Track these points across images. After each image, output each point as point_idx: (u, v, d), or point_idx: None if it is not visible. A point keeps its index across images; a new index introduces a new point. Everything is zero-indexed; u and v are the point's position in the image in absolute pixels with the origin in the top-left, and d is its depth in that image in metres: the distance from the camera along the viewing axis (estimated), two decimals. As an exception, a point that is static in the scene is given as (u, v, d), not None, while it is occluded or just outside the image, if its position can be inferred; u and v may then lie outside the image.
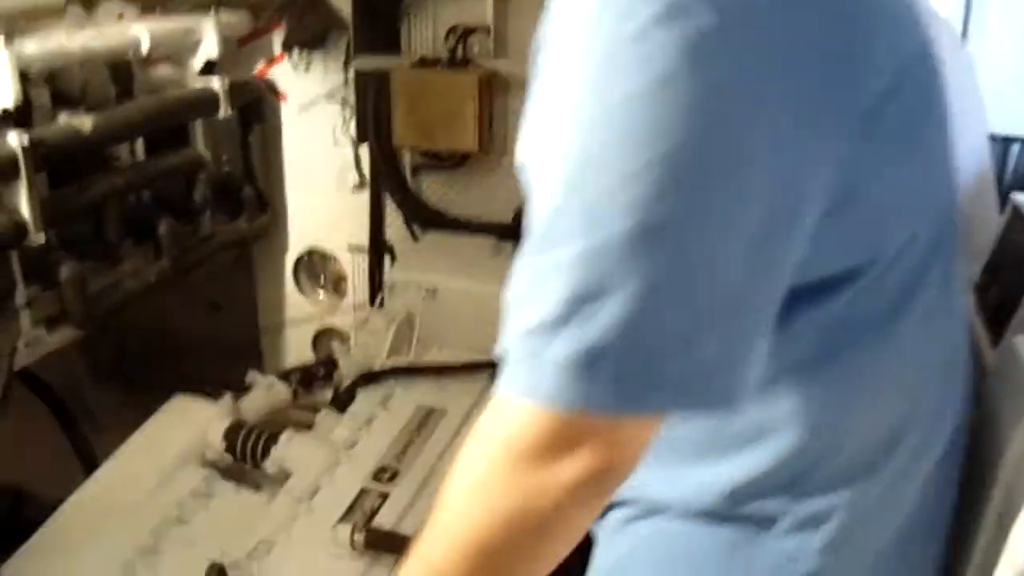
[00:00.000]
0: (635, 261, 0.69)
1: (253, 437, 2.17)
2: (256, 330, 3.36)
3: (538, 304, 0.72)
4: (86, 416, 2.73)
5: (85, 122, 2.10)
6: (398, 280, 2.64)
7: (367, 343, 2.60)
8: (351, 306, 3.17)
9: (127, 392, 3.24)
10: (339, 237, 3.12)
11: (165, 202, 2.56)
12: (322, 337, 3.26)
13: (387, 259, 3.04)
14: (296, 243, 3.18)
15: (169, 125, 2.55)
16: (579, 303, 0.70)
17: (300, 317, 3.26)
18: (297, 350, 3.27)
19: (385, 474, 2.07)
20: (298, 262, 3.21)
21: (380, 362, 2.54)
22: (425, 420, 2.27)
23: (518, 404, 0.75)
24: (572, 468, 0.74)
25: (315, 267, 3.26)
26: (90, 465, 2.35)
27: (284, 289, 3.25)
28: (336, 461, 2.12)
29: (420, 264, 2.73)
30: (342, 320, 3.18)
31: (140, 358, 3.35)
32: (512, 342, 0.75)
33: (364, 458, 2.13)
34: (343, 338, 3.16)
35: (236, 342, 3.36)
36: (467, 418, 2.26)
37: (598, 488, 0.78)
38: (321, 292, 3.27)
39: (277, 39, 2.98)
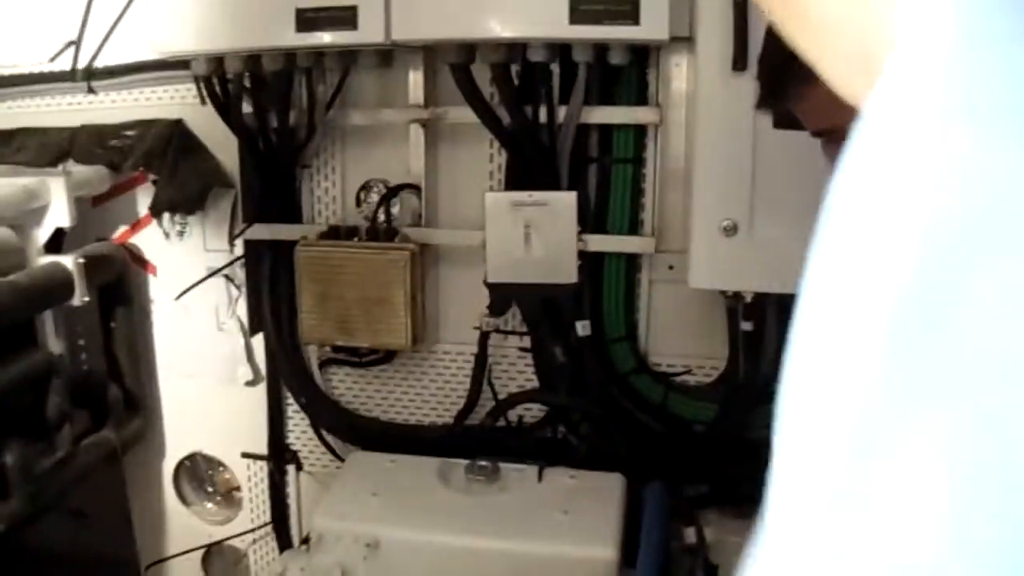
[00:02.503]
0: None
1: None
2: (131, 542, 2.71)
3: None
4: None
5: None
6: (326, 529, 1.92)
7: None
8: (248, 520, 2.54)
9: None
10: (230, 442, 2.50)
11: (8, 420, 2.02)
12: (215, 557, 2.62)
13: (292, 469, 2.43)
14: (176, 447, 2.57)
15: (9, 322, 1.96)
16: None
17: (185, 532, 2.61)
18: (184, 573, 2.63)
19: None
20: (179, 466, 2.57)
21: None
22: None
23: None
24: None
25: (200, 472, 2.63)
26: None
27: (163, 498, 2.62)
28: None
29: (353, 503, 1.99)
30: (236, 531, 2.62)
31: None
32: None
33: None
34: (238, 557, 2.53)
35: (108, 557, 2.71)
36: None
37: None
38: (210, 503, 2.63)
39: (143, 195, 2.37)
